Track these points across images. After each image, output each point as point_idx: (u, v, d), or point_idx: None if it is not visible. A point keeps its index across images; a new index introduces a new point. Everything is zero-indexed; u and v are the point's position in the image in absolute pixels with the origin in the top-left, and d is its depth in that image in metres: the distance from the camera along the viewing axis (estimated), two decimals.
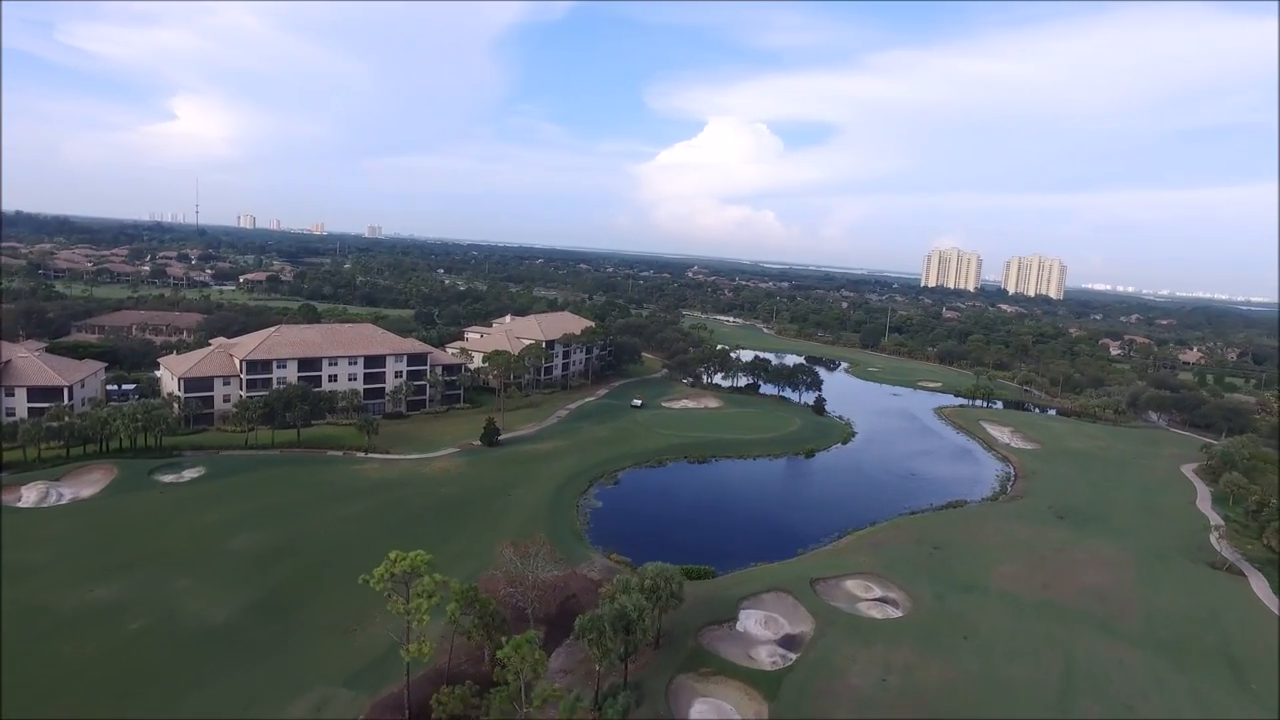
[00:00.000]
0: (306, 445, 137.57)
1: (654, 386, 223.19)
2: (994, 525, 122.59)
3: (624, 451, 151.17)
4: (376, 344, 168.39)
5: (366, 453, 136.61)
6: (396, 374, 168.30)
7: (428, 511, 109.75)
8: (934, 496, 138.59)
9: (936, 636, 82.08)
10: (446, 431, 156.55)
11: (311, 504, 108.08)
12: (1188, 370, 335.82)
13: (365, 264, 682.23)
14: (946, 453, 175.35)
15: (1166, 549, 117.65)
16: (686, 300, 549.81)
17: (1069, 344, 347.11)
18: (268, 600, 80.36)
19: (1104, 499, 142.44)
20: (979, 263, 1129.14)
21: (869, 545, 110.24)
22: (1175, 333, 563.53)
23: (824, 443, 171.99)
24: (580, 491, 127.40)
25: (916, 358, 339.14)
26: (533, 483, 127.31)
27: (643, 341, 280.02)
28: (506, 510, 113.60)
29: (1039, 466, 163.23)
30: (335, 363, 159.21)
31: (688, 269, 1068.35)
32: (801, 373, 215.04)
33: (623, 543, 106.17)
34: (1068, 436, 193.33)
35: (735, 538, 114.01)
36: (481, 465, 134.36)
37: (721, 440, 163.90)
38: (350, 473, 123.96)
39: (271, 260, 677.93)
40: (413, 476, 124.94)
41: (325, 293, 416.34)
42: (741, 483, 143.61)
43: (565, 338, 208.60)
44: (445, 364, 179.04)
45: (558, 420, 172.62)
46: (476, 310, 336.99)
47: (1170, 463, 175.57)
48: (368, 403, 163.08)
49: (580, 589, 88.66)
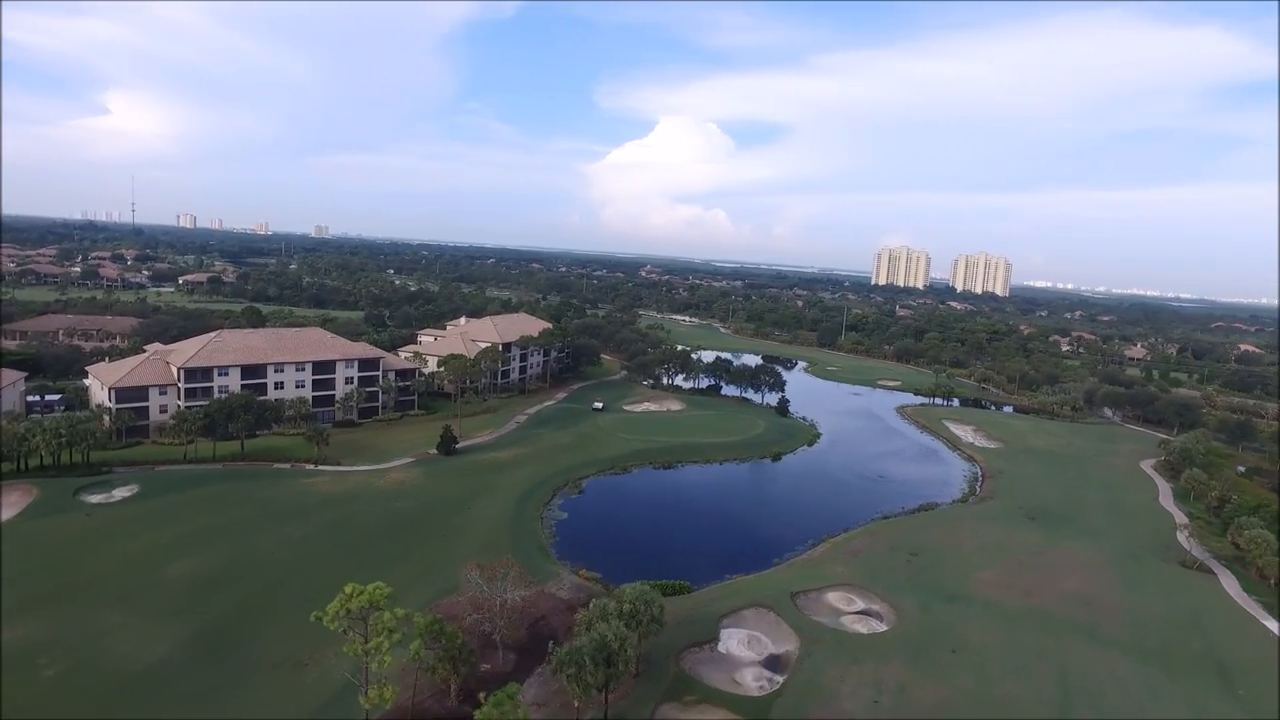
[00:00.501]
0: (251, 458, 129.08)
1: (614, 389, 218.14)
2: (968, 528, 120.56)
3: (587, 458, 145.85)
4: (325, 349, 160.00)
5: (316, 465, 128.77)
6: (347, 380, 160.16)
7: (382, 528, 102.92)
8: (905, 499, 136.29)
9: (925, 651, 78.75)
10: (401, 440, 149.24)
11: (257, 523, 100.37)
12: (1134, 366, 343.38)
13: (312, 264, 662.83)
14: (913, 453, 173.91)
15: (1138, 549, 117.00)
16: (642, 300, 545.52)
17: (1021, 341, 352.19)
18: (208, 634, 73.07)
19: (1071, 498, 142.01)
20: (928, 261, 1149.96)
21: (845, 553, 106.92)
22: (1116, 329, 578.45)
23: (790, 445, 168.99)
24: (544, 502, 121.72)
25: (874, 356, 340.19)
26: (493, 494, 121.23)
27: (600, 342, 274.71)
28: (466, 525, 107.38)
29: (1004, 466, 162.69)
30: (281, 369, 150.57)
31: (640, 268, 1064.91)
32: (764, 373, 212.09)
33: (592, 557, 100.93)
34: (1029, 434, 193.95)
35: (708, 548, 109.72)
36: (439, 476, 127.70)
37: (687, 444, 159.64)
38: (299, 487, 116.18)
39: (213, 261, 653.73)
40: (366, 490, 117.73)
41: (270, 294, 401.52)
42: (710, 489, 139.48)
43: (522, 340, 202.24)
44: (398, 369, 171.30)
45: (517, 426, 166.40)
46: (429, 312, 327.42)
47: (1129, 459, 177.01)
48: (317, 411, 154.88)
49: (550, 610, 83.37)
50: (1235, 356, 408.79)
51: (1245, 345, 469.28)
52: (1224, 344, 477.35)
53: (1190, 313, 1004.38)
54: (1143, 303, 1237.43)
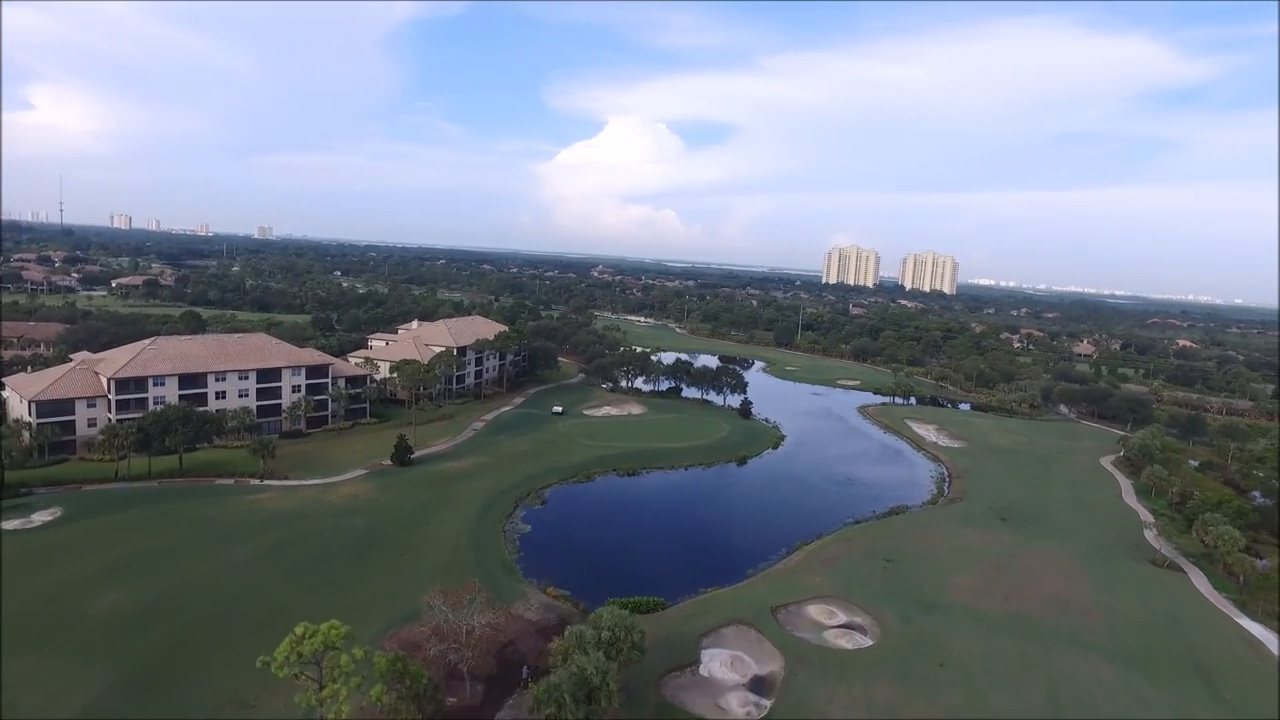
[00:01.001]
0: (191, 474, 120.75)
1: (573, 392, 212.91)
2: (940, 532, 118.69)
3: (549, 466, 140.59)
4: (270, 356, 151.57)
5: (262, 479, 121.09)
6: (294, 388, 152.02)
7: (335, 548, 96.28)
8: (875, 503, 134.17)
9: (912, 666, 75.69)
10: (353, 451, 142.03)
11: (196, 547, 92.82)
12: (1083, 362, 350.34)
13: (255, 266, 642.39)
14: (878, 454, 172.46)
15: (1108, 548, 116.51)
16: (596, 300, 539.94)
17: (975, 339, 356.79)
18: (140, 677, 66.04)
19: (1038, 497, 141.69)
20: (877, 260, 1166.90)
21: (821, 562, 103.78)
22: (1061, 325, 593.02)
23: (755, 449, 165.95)
24: (506, 514, 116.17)
25: (831, 355, 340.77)
26: (452, 507, 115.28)
27: (557, 345, 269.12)
28: (425, 542, 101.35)
29: (969, 465, 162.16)
30: (223, 378, 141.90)
31: (592, 268, 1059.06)
32: (725, 375, 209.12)
33: (559, 573, 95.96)
34: (991, 433, 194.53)
35: (679, 559, 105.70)
36: (394, 489, 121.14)
37: (650, 450, 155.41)
38: (243, 505, 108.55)
39: (150, 263, 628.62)
40: (316, 506, 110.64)
41: (211, 298, 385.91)
42: (677, 496, 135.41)
43: (478, 344, 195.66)
44: (348, 375, 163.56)
45: (474, 434, 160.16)
46: (378, 315, 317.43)
47: (1089, 456, 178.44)
48: (262, 421, 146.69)
49: (518, 633, 78.14)
50: (1174, 352, 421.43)
51: (1182, 340, 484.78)
52: (1162, 340, 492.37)
53: (1127, 309, 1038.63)
54: (1083, 300, 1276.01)
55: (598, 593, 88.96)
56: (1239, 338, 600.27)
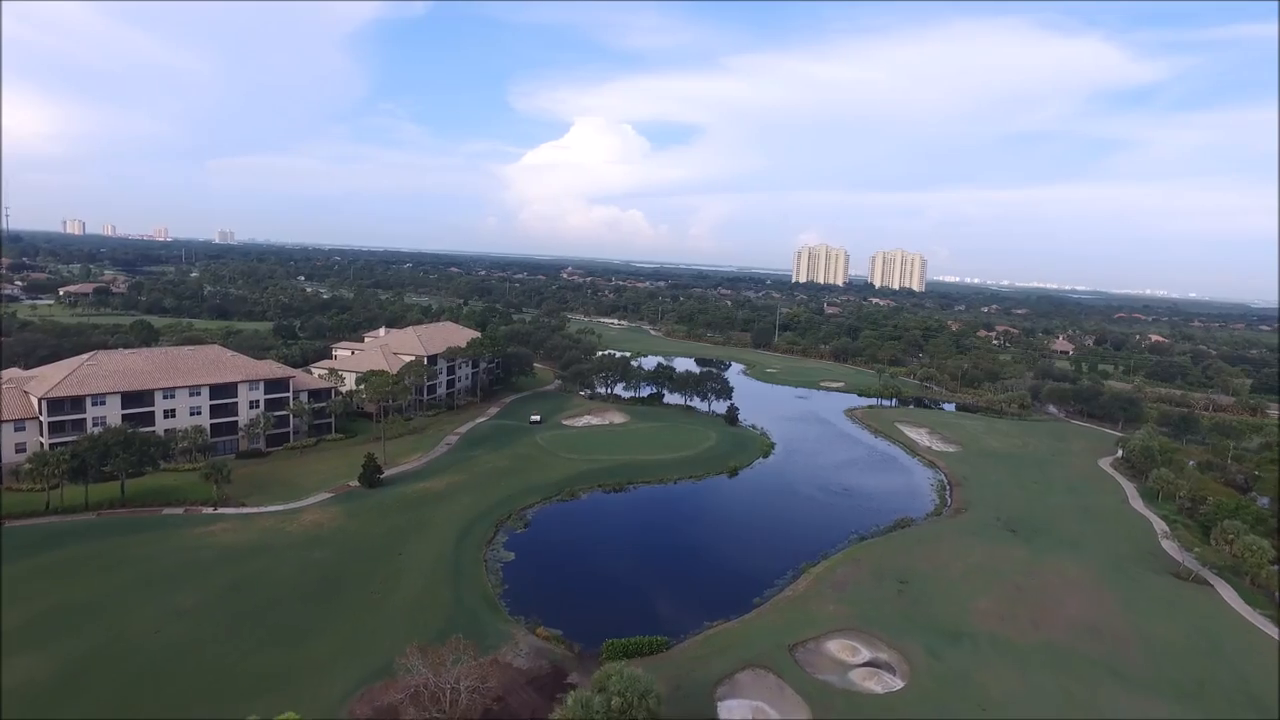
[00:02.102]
0: (135, 504, 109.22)
1: (550, 400, 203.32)
2: (950, 547, 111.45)
3: (530, 484, 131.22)
4: (225, 369, 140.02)
5: (215, 508, 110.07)
6: (252, 404, 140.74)
7: (295, 589, 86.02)
8: (877, 515, 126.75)
9: (952, 711, 67.85)
10: (316, 471, 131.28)
11: (133, 594, 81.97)
12: (1062, 359, 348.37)
13: (215, 272, 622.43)
14: (872, 461, 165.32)
15: (1126, 560, 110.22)
16: (567, 303, 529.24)
17: (954, 338, 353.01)
18: None
19: (1043, 505, 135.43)
20: (847, 258, 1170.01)
21: (831, 586, 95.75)
22: (1032, 321, 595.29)
23: (745, 458, 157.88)
24: (486, 540, 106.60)
25: (811, 356, 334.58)
26: (426, 533, 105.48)
27: (531, 350, 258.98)
28: (397, 576, 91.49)
29: (967, 471, 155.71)
30: (172, 395, 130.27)
31: (561, 270, 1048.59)
32: (710, 380, 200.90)
33: (549, 609, 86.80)
34: (984, 435, 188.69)
35: (679, 588, 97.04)
36: (361, 514, 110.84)
37: (636, 463, 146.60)
38: (192, 540, 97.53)
39: (102, 270, 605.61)
40: (275, 538, 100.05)
41: (167, 306, 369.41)
42: (669, 514, 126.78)
43: (449, 351, 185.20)
44: (311, 389, 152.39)
45: (448, 448, 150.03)
46: (343, 322, 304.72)
47: (1086, 458, 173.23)
48: (217, 441, 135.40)
49: (508, 686, 68.82)
50: (1146, 347, 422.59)
51: (1153, 335, 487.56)
52: (1132, 335, 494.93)
53: (1091, 305, 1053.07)
54: (1048, 296, 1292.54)
55: (593, 631, 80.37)
56: (1204, 331, 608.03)
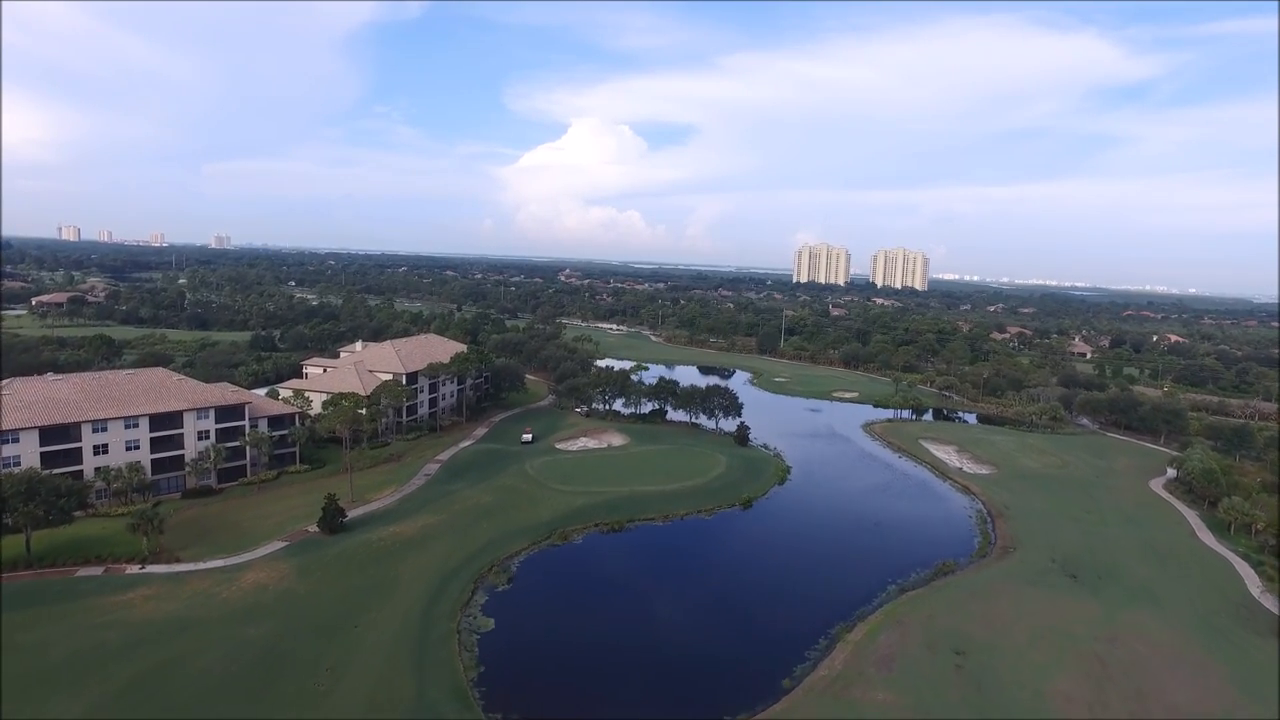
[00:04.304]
0: (46, 563, 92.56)
1: (543, 418, 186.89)
2: (1008, 603, 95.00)
3: (516, 525, 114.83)
4: (169, 397, 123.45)
5: (142, 565, 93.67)
6: (201, 435, 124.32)
7: (216, 684, 69.32)
8: (914, 556, 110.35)
9: None
10: (272, 512, 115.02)
11: (14, 696, 65.45)
12: (1082, 363, 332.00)
13: (203, 278, 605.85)
14: (900, 488, 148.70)
15: (1217, 616, 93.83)
16: (564, 307, 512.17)
17: (969, 341, 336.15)
18: None
19: (1100, 542, 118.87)
20: (848, 257, 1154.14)
21: (875, 662, 79.22)
22: (1041, 321, 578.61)
23: (759, 486, 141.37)
24: (462, 603, 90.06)
25: (820, 362, 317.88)
26: (391, 597, 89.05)
27: (524, 361, 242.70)
28: (349, 660, 74.89)
29: (1007, 499, 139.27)
30: (104, 427, 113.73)
31: (559, 272, 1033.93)
32: (717, 396, 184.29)
33: (532, 696, 71.18)
34: (1017, 454, 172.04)
35: (690, 661, 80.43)
36: (316, 571, 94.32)
37: (638, 495, 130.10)
38: (100, 616, 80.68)
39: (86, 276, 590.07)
40: (204, 608, 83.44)
41: (143, 315, 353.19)
42: (675, 560, 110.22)
43: (431, 368, 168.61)
44: (273, 414, 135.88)
45: (426, 480, 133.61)
46: (326, 331, 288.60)
47: (1134, 480, 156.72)
48: (160, 478, 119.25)
49: None
50: (1167, 348, 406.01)
51: (1172, 335, 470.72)
52: (1148, 335, 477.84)
53: (1095, 302, 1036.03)
54: (1051, 293, 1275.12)
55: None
56: (1217, 329, 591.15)
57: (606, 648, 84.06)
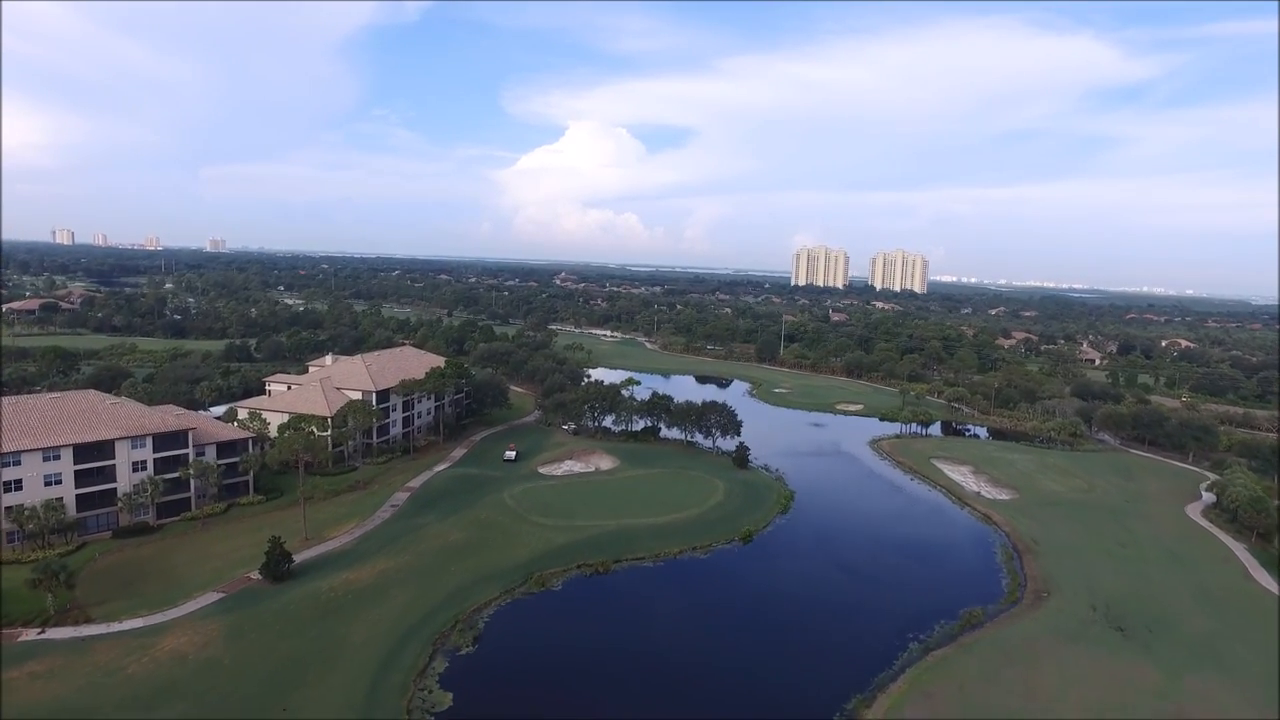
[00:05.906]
0: None
1: (528, 436, 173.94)
2: (1049, 666, 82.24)
3: (489, 568, 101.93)
4: (98, 424, 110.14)
5: (43, 628, 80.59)
6: (137, 465, 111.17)
7: None
8: (935, 603, 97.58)
9: None
10: (214, 554, 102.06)
11: None
12: (1093, 370, 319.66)
13: (190, 283, 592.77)
14: (915, 515, 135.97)
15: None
16: (557, 313, 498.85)
17: (976, 348, 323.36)
18: None
19: (1145, 584, 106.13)
20: (847, 260, 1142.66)
21: None
22: (1044, 324, 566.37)
23: (760, 516, 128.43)
24: (417, 671, 77.05)
25: (821, 371, 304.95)
26: (334, 666, 76.01)
27: (510, 372, 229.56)
28: None
29: (1034, 530, 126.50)
30: (18, 460, 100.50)
31: (555, 275, 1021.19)
32: (714, 413, 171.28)
33: None
34: (1038, 476, 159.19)
35: None
36: (249, 634, 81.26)
37: (627, 530, 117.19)
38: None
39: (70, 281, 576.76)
40: (106, 689, 70.27)
41: (117, 324, 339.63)
42: (667, 611, 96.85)
43: (404, 385, 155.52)
44: (222, 440, 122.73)
45: (392, 512, 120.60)
46: (305, 341, 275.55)
47: (1167, 506, 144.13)
48: (87, 516, 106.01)
49: None
50: (1178, 354, 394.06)
51: (1181, 340, 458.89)
52: (1157, 339, 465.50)
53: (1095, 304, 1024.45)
54: (1050, 296, 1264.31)
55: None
56: (1223, 332, 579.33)
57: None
